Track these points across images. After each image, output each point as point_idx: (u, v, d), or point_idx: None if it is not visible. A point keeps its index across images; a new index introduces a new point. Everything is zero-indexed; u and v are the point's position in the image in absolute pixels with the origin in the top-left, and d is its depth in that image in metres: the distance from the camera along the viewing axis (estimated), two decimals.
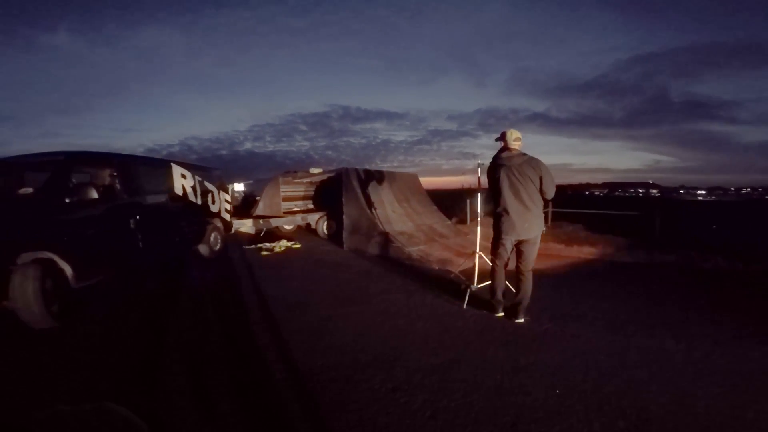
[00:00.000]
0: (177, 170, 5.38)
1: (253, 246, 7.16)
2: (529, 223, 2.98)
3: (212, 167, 6.77)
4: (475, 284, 3.66)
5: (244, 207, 8.76)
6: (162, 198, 4.97)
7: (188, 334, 2.93)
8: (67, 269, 3.31)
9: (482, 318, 3.25)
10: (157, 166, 5.12)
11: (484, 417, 1.88)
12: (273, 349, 2.65)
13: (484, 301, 3.45)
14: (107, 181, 4.25)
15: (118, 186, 4.15)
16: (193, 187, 5.69)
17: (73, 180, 3.81)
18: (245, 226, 7.58)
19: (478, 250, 3.82)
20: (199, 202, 5.85)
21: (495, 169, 3.08)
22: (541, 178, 2.96)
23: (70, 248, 3.36)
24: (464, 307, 3.48)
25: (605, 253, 6.44)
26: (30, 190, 3.56)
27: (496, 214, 3.09)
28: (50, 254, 3.17)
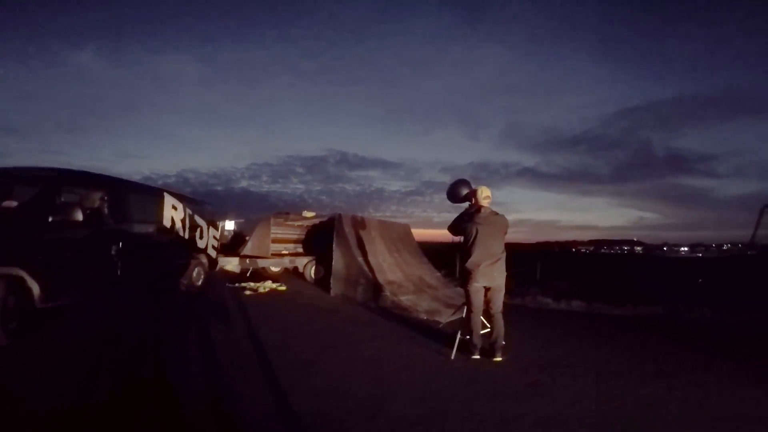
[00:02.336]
0: (169, 200, 5.38)
1: (237, 285, 6.98)
2: (497, 272, 3.32)
3: (205, 201, 6.79)
4: (461, 334, 3.57)
5: (233, 245, 8.64)
6: (149, 228, 4.92)
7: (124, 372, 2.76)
8: (35, 288, 3.18)
9: (470, 368, 3.15)
10: (150, 194, 5.12)
11: None
12: (246, 390, 2.49)
13: (464, 348, 3.39)
14: (96, 204, 4.20)
15: (105, 210, 4.11)
16: (183, 220, 5.66)
17: (62, 198, 3.72)
18: (231, 264, 7.44)
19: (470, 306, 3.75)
20: (187, 236, 5.78)
21: (468, 223, 3.35)
22: (505, 233, 3.40)
23: (43, 268, 3.24)
24: (452, 357, 3.37)
25: (593, 307, 6.43)
26: (14, 203, 3.47)
27: (469, 263, 3.30)
28: (21, 271, 3.06)
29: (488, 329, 3.46)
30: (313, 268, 8.27)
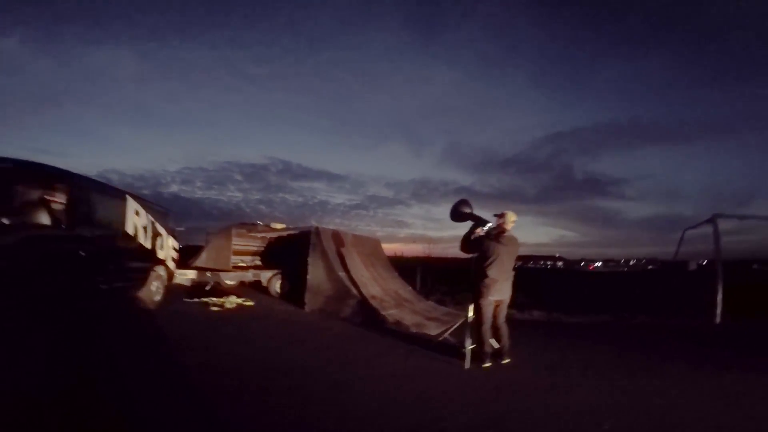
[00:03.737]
0: (132, 205, 4.90)
1: (196, 300, 6.49)
2: (508, 288, 3.84)
3: (166, 208, 6.25)
4: (472, 345, 3.84)
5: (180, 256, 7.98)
6: (110, 233, 4.42)
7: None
8: None
9: (489, 375, 3.48)
10: (113, 195, 4.62)
11: None
12: (302, 413, 2.44)
13: (475, 357, 3.74)
14: (57, 203, 3.64)
15: (67, 213, 3.60)
16: (145, 228, 5.19)
17: (20, 196, 3.21)
18: (186, 277, 6.91)
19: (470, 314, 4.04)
20: (149, 245, 5.28)
21: (491, 243, 3.76)
22: (517, 254, 3.94)
23: None
24: (466, 366, 3.63)
25: (553, 316, 7.20)
26: None
27: (488, 280, 3.70)
28: None
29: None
30: (279, 282, 7.98)
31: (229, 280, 7.54)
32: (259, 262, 9.35)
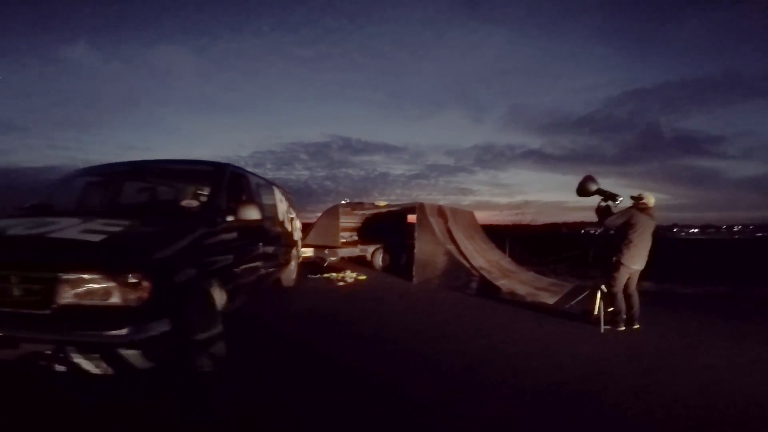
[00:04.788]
0: (278, 194, 5.78)
1: (318, 276, 7.51)
2: (645, 259, 4.26)
3: (290, 192, 7.19)
4: (605, 310, 4.28)
5: None
6: (267, 222, 5.10)
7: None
8: (221, 298, 2.94)
9: (626, 336, 4.05)
10: (268, 186, 5.23)
11: None
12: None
13: (609, 322, 4.28)
14: (248, 200, 3.98)
15: (256, 206, 3.82)
16: (285, 212, 6.11)
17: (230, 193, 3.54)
18: (306, 254, 7.98)
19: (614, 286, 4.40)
20: (289, 228, 6.24)
21: (638, 215, 4.20)
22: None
23: (227, 275, 3.12)
24: (602, 330, 4.16)
25: (664, 287, 7.20)
26: (195, 203, 3.26)
27: (632, 251, 4.16)
28: (213, 281, 2.85)
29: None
30: (381, 255, 8.86)
31: (343, 255, 8.55)
32: (356, 238, 10.32)
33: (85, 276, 2.03)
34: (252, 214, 3.33)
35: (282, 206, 5.99)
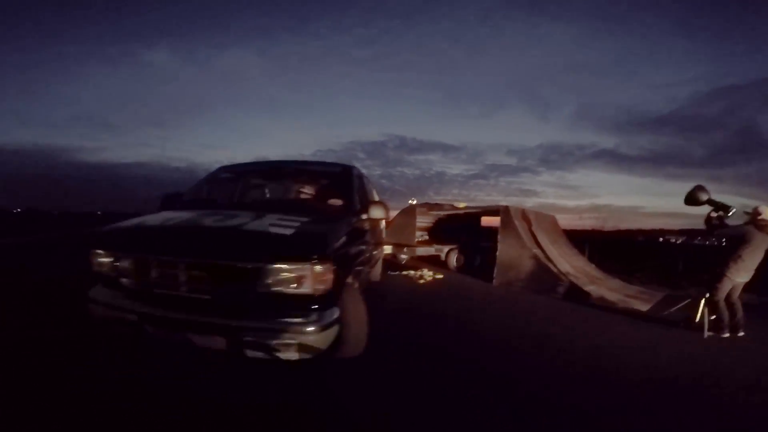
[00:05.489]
0: (370, 186, 6.03)
1: (398, 273, 7.95)
2: (752, 272, 4.34)
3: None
4: (709, 317, 4.38)
5: None
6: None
7: None
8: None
9: (731, 342, 4.17)
10: (370, 184, 5.42)
11: None
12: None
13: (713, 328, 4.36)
14: (377, 200, 4.47)
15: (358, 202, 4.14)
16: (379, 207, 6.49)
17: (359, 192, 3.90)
18: (386, 251, 8.45)
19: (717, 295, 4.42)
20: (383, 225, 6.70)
21: (754, 231, 4.23)
22: None
23: (360, 268, 3.35)
24: (705, 336, 4.28)
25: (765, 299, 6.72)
26: (339, 202, 3.58)
27: (739, 263, 4.23)
28: (354, 274, 3.09)
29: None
30: (455, 255, 9.14)
31: (420, 254, 8.96)
32: (427, 237, 10.68)
33: (285, 266, 2.22)
34: (380, 213, 3.62)
35: (376, 199, 6.47)
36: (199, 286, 2.33)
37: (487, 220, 10.12)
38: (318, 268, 2.26)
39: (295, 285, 2.24)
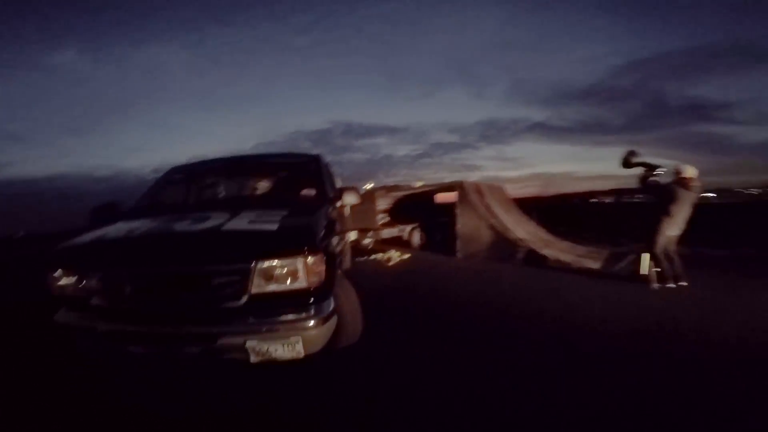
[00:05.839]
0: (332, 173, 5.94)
1: (365, 258, 8.03)
2: (683, 226, 4.79)
3: None
4: (656, 269, 4.91)
5: None
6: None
7: None
8: None
9: (677, 292, 4.63)
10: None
11: None
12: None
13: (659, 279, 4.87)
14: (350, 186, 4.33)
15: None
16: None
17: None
18: (352, 238, 8.47)
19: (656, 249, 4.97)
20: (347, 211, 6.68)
21: (679, 189, 4.70)
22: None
23: (339, 257, 3.35)
24: (652, 287, 4.81)
25: (697, 251, 7.71)
26: (313, 192, 3.50)
27: (670, 219, 4.73)
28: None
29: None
30: (418, 234, 9.39)
31: (385, 236, 9.08)
32: (388, 219, 10.82)
33: (277, 262, 2.15)
34: (353, 198, 3.54)
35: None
36: (186, 296, 2.21)
37: (441, 197, 10.41)
38: (310, 260, 2.20)
39: (290, 280, 2.18)
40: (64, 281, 2.38)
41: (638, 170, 5.00)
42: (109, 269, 2.29)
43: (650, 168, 4.92)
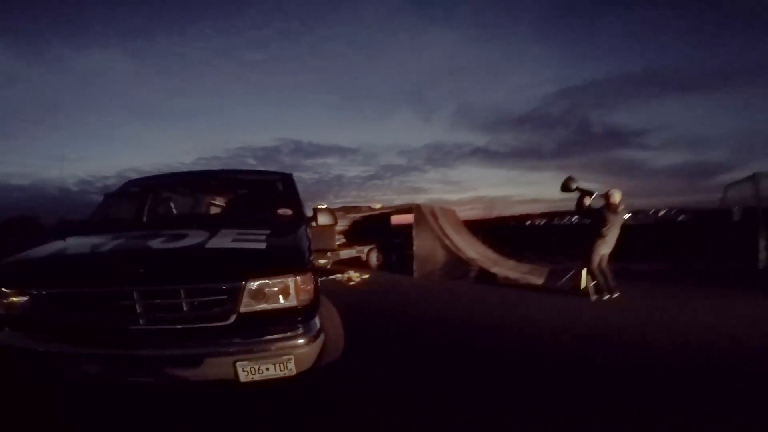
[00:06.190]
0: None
1: (325, 278, 8.06)
2: (613, 244, 5.56)
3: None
4: (593, 283, 5.54)
5: None
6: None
7: None
8: None
9: (614, 302, 5.32)
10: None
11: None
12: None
13: (596, 291, 5.55)
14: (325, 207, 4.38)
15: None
16: None
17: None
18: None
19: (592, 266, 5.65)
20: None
21: (609, 213, 5.44)
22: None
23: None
24: (593, 299, 5.45)
25: (625, 265, 8.76)
26: (289, 211, 3.46)
27: (604, 239, 5.48)
28: None
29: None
30: (375, 254, 9.64)
31: (344, 257, 9.19)
32: (344, 240, 10.97)
33: (268, 281, 2.15)
34: (328, 219, 3.52)
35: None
36: (168, 316, 2.13)
37: (396, 219, 10.82)
38: (300, 279, 2.24)
39: (280, 299, 2.19)
40: (11, 300, 2.18)
41: (575, 194, 5.77)
42: (78, 288, 2.16)
43: (585, 193, 5.69)
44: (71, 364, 2.09)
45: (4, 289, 2.18)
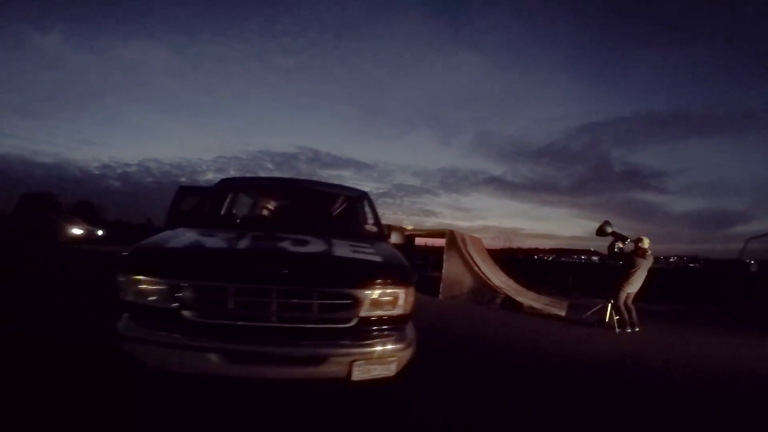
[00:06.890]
0: None
1: None
2: (639, 285, 6.22)
3: None
4: (617, 317, 6.04)
5: None
6: None
7: None
8: None
9: (637, 336, 5.81)
10: None
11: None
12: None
13: (620, 325, 6.11)
14: (398, 226, 4.61)
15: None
16: None
17: None
18: None
19: (618, 302, 6.18)
20: None
21: (638, 258, 6.10)
22: None
23: None
24: (617, 331, 5.98)
25: (638, 306, 9.19)
26: (375, 228, 3.76)
27: (631, 279, 6.11)
28: None
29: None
30: None
31: None
32: None
33: (387, 290, 2.40)
34: (399, 238, 3.83)
35: None
36: (296, 315, 2.26)
37: (421, 241, 11.35)
38: (407, 291, 2.51)
39: (392, 307, 2.43)
40: (143, 288, 2.21)
41: (608, 239, 6.35)
42: (223, 282, 2.24)
43: (619, 238, 6.28)
44: (200, 357, 2.14)
45: (137, 276, 2.22)
